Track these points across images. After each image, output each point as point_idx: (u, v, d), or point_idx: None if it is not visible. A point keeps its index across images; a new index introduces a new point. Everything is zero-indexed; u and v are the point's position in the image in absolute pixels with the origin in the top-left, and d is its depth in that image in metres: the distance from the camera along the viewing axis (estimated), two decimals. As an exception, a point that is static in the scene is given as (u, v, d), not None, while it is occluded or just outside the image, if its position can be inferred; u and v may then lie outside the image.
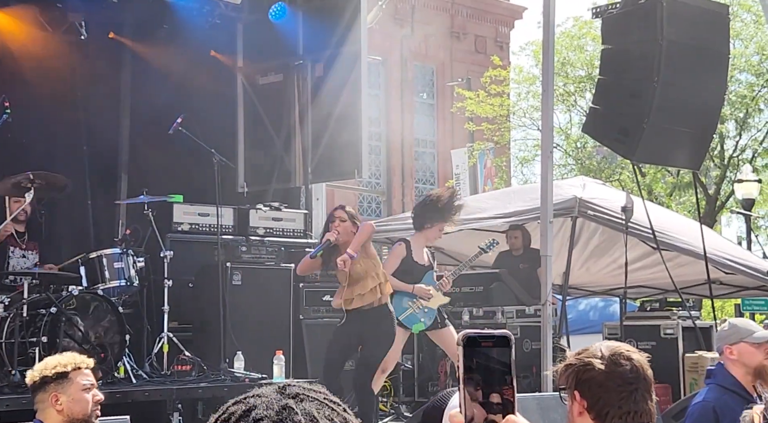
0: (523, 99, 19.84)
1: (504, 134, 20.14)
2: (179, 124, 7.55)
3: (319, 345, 7.83)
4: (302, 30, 9.22)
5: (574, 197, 8.31)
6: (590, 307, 14.77)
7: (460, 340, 1.32)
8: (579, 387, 2.37)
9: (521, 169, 21.68)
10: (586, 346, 2.50)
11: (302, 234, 8.77)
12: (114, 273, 6.84)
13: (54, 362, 3.72)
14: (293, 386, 1.28)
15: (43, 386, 3.67)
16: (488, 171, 19.77)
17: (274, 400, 1.24)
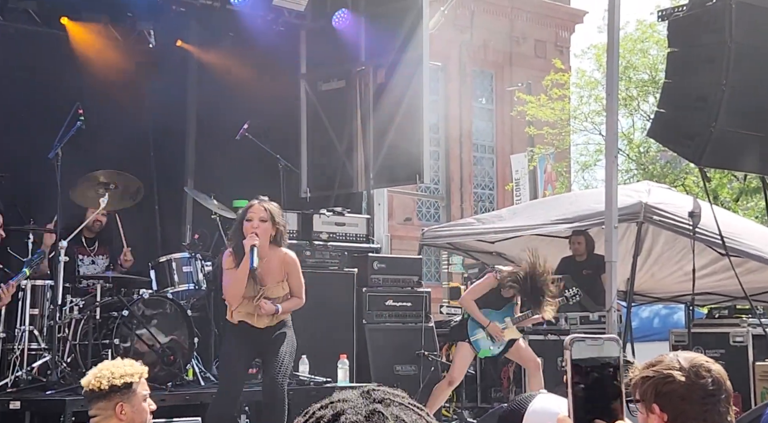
0: (585, 103, 19.66)
1: (565, 139, 19.97)
2: (245, 130, 7.67)
3: (382, 349, 7.88)
4: (365, 36, 9.28)
5: (640, 202, 8.22)
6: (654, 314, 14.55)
7: (568, 344, 1.33)
8: (659, 400, 2.32)
9: (582, 174, 21.48)
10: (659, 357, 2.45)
11: (365, 239, 8.81)
12: (183, 277, 6.97)
13: (121, 372, 3.69)
14: (377, 391, 1.29)
15: (108, 395, 3.64)
16: (548, 176, 19.63)
17: (362, 405, 1.25)
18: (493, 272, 7.25)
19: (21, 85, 8.28)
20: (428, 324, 8.11)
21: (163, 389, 6.26)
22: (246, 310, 5.33)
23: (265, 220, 5.28)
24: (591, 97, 19.26)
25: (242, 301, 5.31)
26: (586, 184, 21.12)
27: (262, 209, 5.32)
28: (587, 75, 19.77)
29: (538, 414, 2.22)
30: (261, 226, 5.24)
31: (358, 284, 7.93)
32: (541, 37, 24.54)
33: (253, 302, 5.33)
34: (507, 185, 21.58)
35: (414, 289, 8.24)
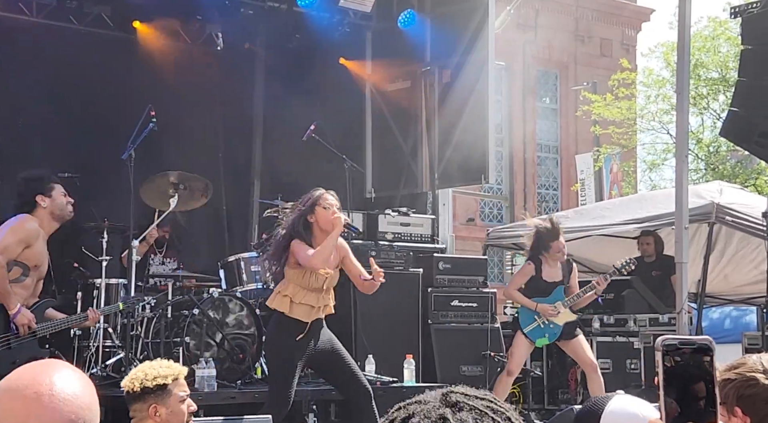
0: (652, 102, 19.35)
1: (631, 138, 19.69)
2: (312, 131, 7.72)
3: (448, 350, 7.86)
4: (430, 37, 9.28)
5: (711, 202, 8.08)
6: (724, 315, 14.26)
7: (660, 346, 1.31)
8: (741, 403, 2.28)
9: (649, 174, 21.15)
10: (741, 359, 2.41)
11: (430, 239, 8.80)
12: (251, 276, 7.05)
13: (154, 373, 3.67)
14: (456, 393, 1.27)
15: (142, 396, 3.64)
16: (614, 176, 19.38)
17: (433, 409, 1.24)
18: (529, 261, 7.25)
19: (95, 87, 8.47)
20: (494, 325, 8.07)
21: (232, 387, 6.34)
22: (306, 301, 5.27)
23: (339, 207, 5.35)
24: (659, 96, 18.96)
25: (304, 292, 5.27)
26: (653, 184, 20.81)
27: (333, 198, 5.37)
28: (655, 73, 19.47)
29: (616, 415, 2.20)
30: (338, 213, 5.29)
31: (423, 284, 7.92)
32: (607, 35, 24.23)
33: (319, 295, 5.30)
34: (572, 185, 21.36)
35: (479, 289, 8.21)
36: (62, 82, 8.38)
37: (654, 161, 20.18)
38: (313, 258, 5.14)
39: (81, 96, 8.47)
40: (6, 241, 5.23)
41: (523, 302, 7.19)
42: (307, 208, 5.32)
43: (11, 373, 1.30)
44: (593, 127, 19.80)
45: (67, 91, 8.42)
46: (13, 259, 5.25)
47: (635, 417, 2.17)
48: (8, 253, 5.21)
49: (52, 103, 8.46)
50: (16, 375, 1.30)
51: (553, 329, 7.18)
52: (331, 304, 5.44)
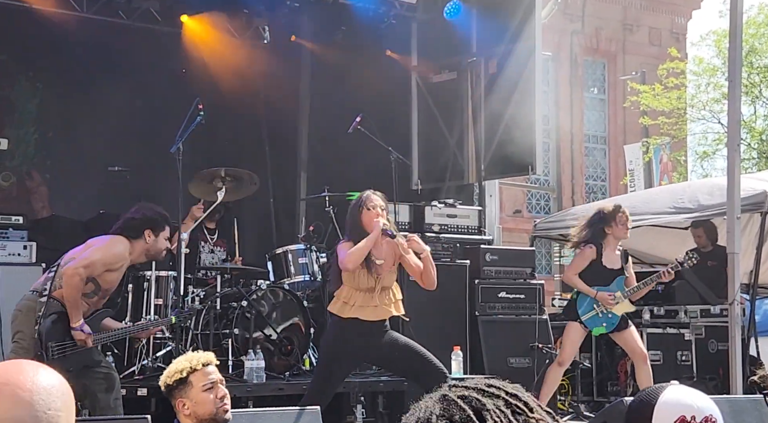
0: (703, 91, 19.03)
1: (681, 128, 19.39)
2: (358, 123, 7.72)
3: (496, 341, 7.82)
4: (476, 27, 9.21)
5: (764, 192, 7.92)
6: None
7: None
8: None
9: (700, 164, 20.82)
10: None
11: (476, 231, 8.77)
12: (299, 268, 7.09)
13: (173, 369, 3.74)
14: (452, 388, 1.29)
15: (170, 394, 3.73)
16: (664, 166, 19.11)
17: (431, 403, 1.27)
18: (590, 245, 7.00)
19: (142, 82, 8.58)
20: (542, 316, 8.01)
21: (281, 378, 6.38)
22: (362, 302, 5.28)
23: (384, 208, 5.38)
24: (709, 85, 18.64)
25: (358, 293, 5.28)
26: (704, 174, 20.48)
27: (380, 199, 5.42)
28: (705, 62, 19.13)
29: (670, 405, 2.16)
30: (382, 214, 5.33)
31: (470, 276, 7.89)
32: (656, 24, 23.87)
33: (373, 294, 5.30)
34: (620, 177, 21.12)
35: (527, 281, 8.15)
36: (110, 76, 8.50)
37: (705, 151, 19.87)
38: (345, 259, 5.16)
39: (129, 90, 8.58)
40: (94, 258, 5.26)
41: (583, 289, 6.95)
42: (354, 209, 5.41)
43: None
44: (642, 118, 19.53)
45: (115, 86, 8.53)
46: (92, 276, 5.29)
47: (690, 408, 2.13)
48: (91, 269, 5.24)
49: (101, 97, 8.59)
50: None
51: (611, 319, 6.98)
52: (393, 305, 5.42)
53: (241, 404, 5.92)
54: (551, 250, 18.99)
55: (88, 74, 8.49)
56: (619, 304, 6.93)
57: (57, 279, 5.21)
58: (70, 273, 5.16)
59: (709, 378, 7.92)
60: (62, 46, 8.46)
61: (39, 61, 8.73)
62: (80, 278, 5.16)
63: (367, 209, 5.32)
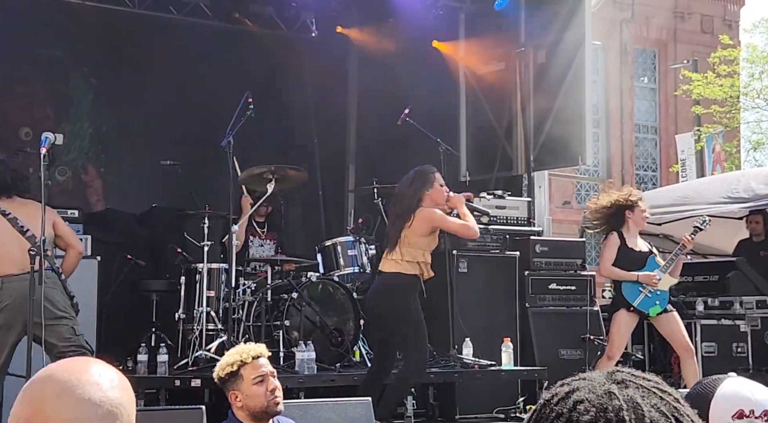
0: (757, 79, 18.66)
1: (734, 117, 19.04)
2: (406, 115, 7.71)
3: (546, 333, 7.78)
4: (525, 16, 9.14)
5: (821, 180, 7.76)
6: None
7: None
8: None
9: (753, 154, 20.44)
10: None
11: (526, 222, 8.71)
12: (348, 260, 7.11)
13: (224, 362, 3.77)
14: (621, 372, 1.26)
15: (223, 386, 3.77)
16: (717, 156, 18.80)
17: (598, 385, 1.23)
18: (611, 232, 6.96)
19: (194, 76, 8.66)
20: (593, 308, 7.94)
21: (332, 370, 6.42)
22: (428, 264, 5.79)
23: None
24: (763, 73, 18.28)
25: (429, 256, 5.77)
26: (758, 164, 20.10)
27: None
28: (759, 49, 18.76)
29: (727, 398, 2.12)
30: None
31: (520, 268, 7.84)
32: (708, 11, 23.46)
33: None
34: (671, 166, 20.83)
35: (577, 272, 8.08)
36: (162, 71, 8.59)
37: (759, 140, 19.50)
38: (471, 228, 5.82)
39: (181, 85, 8.67)
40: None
41: (623, 276, 6.83)
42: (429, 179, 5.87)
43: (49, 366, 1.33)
44: (694, 107, 19.23)
45: (167, 81, 8.63)
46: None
47: (748, 401, 2.09)
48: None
49: (153, 92, 8.69)
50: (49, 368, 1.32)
51: (661, 296, 6.84)
52: None
53: (293, 395, 5.96)
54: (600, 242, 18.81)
55: (141, 69, 8.59)
56: (661, 280, 6.83)
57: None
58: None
59: (766, 370, 7.79)
60: (115, 41, 8.58)
61: (93, 57, 8.86)
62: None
63: (441, 185, 5.85)
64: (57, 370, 1.30)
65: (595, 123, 21.39)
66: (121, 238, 7.92)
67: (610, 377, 1.24)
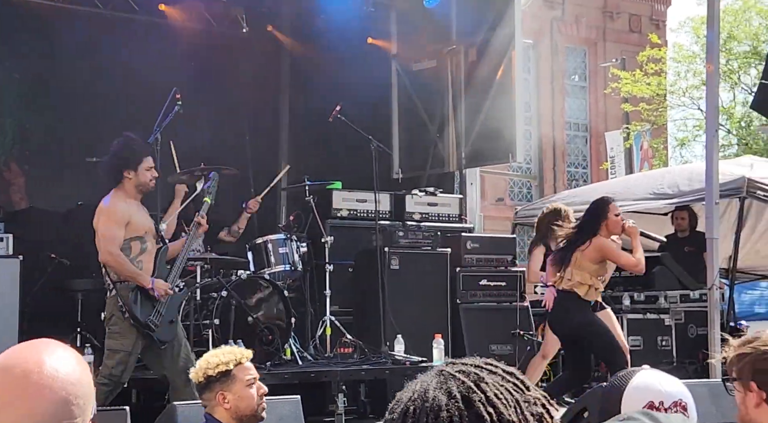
0: (683, 78, 19.13)
1: (662, 115, 19.47)
2: (337, 112, 7.70)
3: (477, 329, 7.85)
4: (456, 14, 9.20)
5: (743, 177, 7.97)
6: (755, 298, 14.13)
7: None
8: (757, 377, 2.25)
9: (680, 151, 20.94)
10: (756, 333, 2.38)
11: (457, 219, 8.78)
12: (279, 258, 7.07)
13: (216, 361, 3.66)
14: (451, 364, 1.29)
15: (208, 385, 3.64)
16: (645, 153, 19.19)
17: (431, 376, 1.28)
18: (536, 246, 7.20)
19: (120, 71, 8.51)
20: (523, 303, 8.03)
21: (261, 369, 6.35)
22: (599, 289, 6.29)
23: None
24: (689, 72, 18.74)
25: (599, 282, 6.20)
26: (684, 161, 20.60)
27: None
28: (685, 49, 19.22)
29: (639, 390, 2.18)
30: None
31: (451, 264, 7.90)
32: (636, 11, 23.91)
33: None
34: (601, 164, 21.20)
35: (508, 268, 8.17)
36: (89, 67, 8.43)
37: (685, 138, 19.98)
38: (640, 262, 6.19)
39: (108, 80, 8.52)
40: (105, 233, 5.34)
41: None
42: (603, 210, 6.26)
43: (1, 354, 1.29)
44: (623, 105, 19.60)
45: (93, 77, 8.47)
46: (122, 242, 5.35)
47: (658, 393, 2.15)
48: (114, 241, 5.31)
49: (79, 88, 8.52)
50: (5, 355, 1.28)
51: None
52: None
53: (223, 394, 5.91)
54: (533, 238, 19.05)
55: (66, 65, 8.42)
56: None
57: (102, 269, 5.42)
58: (104, 260, 5.34)
59: (689, 362, 7.97)
60: (39, 36, 8.38)
61: (16, 52, 8.64)
62: (114, 256, 5.29)
63: (615, 215, 6.21)
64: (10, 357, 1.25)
65: (526, 121, 21.64)
66: (45, 236, 7.74)
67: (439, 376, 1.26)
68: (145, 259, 5.41)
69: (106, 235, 5.33)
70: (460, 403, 1.19)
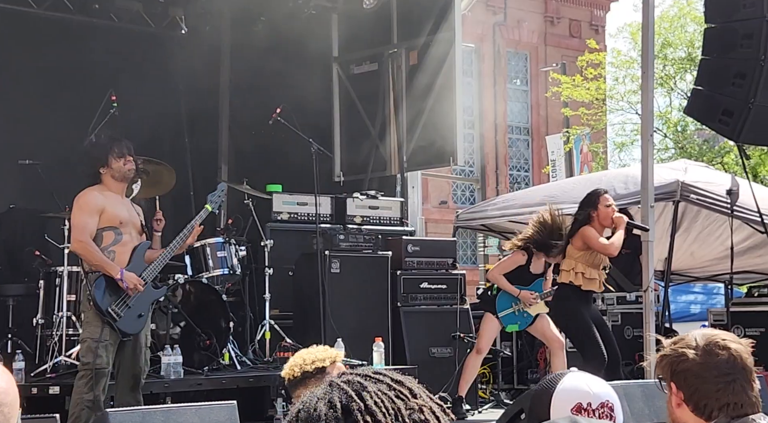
0: (621, 83, 19.44)
1: (601, 119, 19.77)
2: (278, 115, 7.66)
3: (418, 332, 7.86)
4: (396, 18, 9.22)
5: (677, 181, 8.12)
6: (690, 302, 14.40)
7: None
8: (674, 378, 2.30)
9: (619, 154, 21.27)
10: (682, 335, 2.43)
11: (399, 222, 8.80)
12: (217, 262, 7.00)
13: (312, 358, 3.73)
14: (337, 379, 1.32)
15: (303, 381, 3.69)
16: (584, 156, 19.45)
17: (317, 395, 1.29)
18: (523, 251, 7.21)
19: (56, 73, 8.35)
20: (463, 306, 8.07)
21: (199, 373, 6.30)
22: (594, 276, 6.56)
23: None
24: (627, 77, 19.05)
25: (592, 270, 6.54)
26: (622, 164, 20.91)
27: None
28: (623, 54, 19.54)
29: (567, 392, 2.20)
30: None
31: (392, 267, 7.90)
32: (576, 16, 24.27)
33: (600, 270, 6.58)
34: (543, 167, 21.44)
35: (449, 271, 8.20)
36: (23, 68, 8.26)
37: (623, 142, 20.30)
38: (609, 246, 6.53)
39: (43, 82, 8.35)
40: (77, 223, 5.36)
41: (508, 288, 7.16)
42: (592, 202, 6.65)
43: None
44: (563, 109, 19.86)
45: (27, 77, 8.30)
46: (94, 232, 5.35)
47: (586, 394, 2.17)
48: (85, 231, 5.31)
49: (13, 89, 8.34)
50: None
51: (525, 318, 7.23)
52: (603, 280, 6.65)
53: (159, 400, 5.83)
54: (476, 241, 19.18)
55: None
56: (536, 305, 7.13)
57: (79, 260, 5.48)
58: (74, 248, 5.44)
59: (625, 363, 8.08)
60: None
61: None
62: (83, 244, 5.31)
63: (608, 206, 6.56)
64: None
65: (469, 124, 21.81)
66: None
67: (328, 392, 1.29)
68: (118, 250, 5.40)
69: (75, 224, 5.37)
70: (339, 413, 1.23)
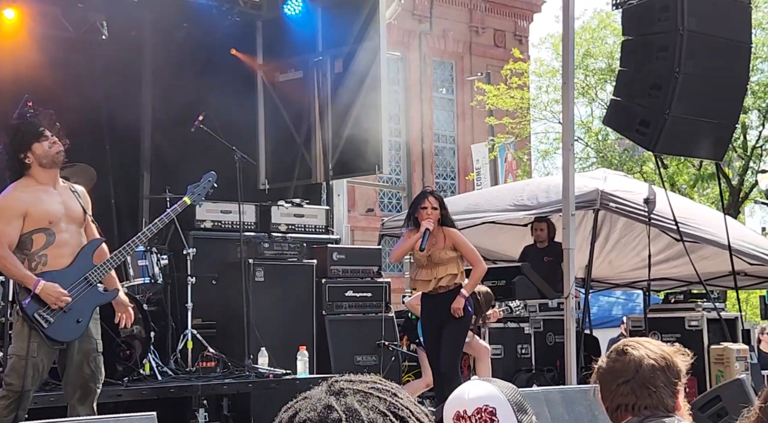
0: (544, 92, 19.80)
1: (525, 128, 20.08)
2: (200, 122, 7.59)
3: (343, 340, 7.85)
4: (321, 26, 9.23)
5: (596, 190, 8.28)
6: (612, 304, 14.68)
7: None
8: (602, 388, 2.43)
9: (542, 162, 21.64)
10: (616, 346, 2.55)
11: (324, 230, 8.79)
12: (138, 270, 6.88)
13: None
14: (340, 382, 1.29)
15: None
16: (509, 164, 19.73)
17: (317, 401, 1.25)
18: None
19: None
20: (388, 314, 8.10)
21: (119, 384, 6.18)
22: (422, 277, 6.56)
23: (436, 208, 6.50)
24: (550, 87, 19.39)
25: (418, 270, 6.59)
26: (546, 172, 21.25)
27: (434, 199, 6.56)
28: (546, 64, 19.89)
29: (449, 402, 2.22)
30: (433, 213, 6.46)
31: (317, 276, 7.88)
32: (500, 26, 24.62)
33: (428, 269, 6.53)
34: (468, 175, 21.66)
35: (374, 279, 8.22)
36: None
37: (547, 150, 20.65)
38: (394, 251, 6.70)
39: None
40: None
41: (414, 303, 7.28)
42: (413, 205, 6.66)
43: None
44: (488, 118, 20.11)
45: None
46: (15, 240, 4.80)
47: (461, 402, 2.17)
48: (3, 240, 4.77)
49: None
50: None
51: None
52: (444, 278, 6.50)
53: (77, 413, 5.70)
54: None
55: None
56: None
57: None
58: None
59: (547, 369, 8.21)
60: None
61: None
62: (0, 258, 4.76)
63: (422, 208, 6.49)
64: None
65: (396, 132, 21.91)
66: None
67: (329, 390, 1.26)
68: (52, 254, 4.84)
69: None
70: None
